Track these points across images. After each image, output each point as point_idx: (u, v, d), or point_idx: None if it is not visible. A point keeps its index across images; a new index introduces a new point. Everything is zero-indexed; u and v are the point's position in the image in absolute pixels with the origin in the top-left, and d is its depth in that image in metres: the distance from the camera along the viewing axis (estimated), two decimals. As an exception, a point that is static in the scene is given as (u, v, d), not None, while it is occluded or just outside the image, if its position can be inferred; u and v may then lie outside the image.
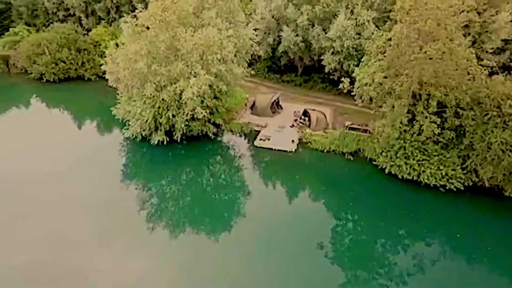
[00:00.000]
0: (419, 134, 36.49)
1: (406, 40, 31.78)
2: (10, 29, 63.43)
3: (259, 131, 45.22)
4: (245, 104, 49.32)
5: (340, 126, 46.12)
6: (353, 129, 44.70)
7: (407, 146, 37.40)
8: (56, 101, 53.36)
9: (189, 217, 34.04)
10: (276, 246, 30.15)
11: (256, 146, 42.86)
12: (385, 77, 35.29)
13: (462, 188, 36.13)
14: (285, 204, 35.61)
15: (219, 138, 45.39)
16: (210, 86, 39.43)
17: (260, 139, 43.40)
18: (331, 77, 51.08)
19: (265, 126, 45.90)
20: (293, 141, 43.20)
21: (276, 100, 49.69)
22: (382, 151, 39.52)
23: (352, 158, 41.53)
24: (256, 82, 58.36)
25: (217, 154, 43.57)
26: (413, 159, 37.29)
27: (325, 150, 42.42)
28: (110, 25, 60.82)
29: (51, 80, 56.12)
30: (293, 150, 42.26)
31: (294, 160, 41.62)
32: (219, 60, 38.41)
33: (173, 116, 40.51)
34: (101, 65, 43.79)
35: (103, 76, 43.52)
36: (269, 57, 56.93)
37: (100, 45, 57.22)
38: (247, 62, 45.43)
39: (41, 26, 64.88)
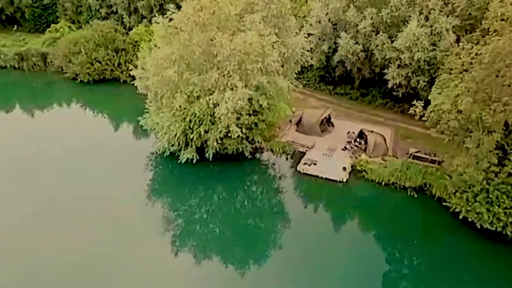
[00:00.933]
0: (510, 175, 28.44)
1: (506, 58, 24.09)
2: (52, 25, 61.01)
3: (304, 153, 38.72)
4: (290, 121, 42.88)
5: (403, 153, 38.60)
6: (418, 158, 37.08)
7: (492, 190, 29.34)
8: (87, 104, 49.69)
9: (217, 244, 29.16)
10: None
11: (300, 172, 36.40)
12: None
13: None
14: (329, 243, 29.29)
15: (257, 158, 39.37)
16: (249, 100, 33.52)
17: (305, 163, 36.88)
18: (395, 93, 43.50)
19: (312, 147, 39.29)
20: (344, 168, 36.30)
21: (328, 117, 42.91)
22: (456, 191, 31.71)
23: (416, 196, 34.02)
24: (305, 93, 51.71)
25: (254, 176, 37.59)
26: (499, 206, 29.21)
27: (383, 183, 35.16)
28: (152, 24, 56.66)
29: (85, 81, 52.60)
30: (344, 179, 35.37)
31: (344, 192, 34.81)
32: (261, 71, 32.37)
33: (206, 132, 34.96)
34: (131, 69, 39.06)
35: (141, 79, 39.17)
36: (322, 67, 50.17)
37: (139, 45, 53.05)
38: (296, 73, 39.03)
39: (84, 23, 62.05)
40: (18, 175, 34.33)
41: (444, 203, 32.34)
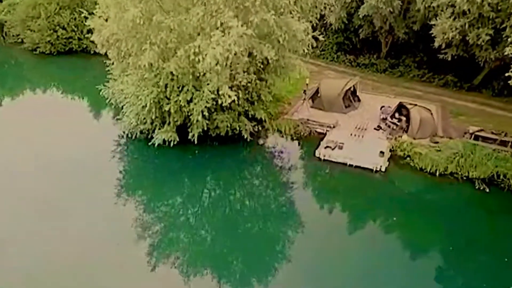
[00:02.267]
0: None
1: None
2: (11, -11, 51.01)
3: (324, 134, 28.47)
4: (304, 92, 32.60)
5: (458, 133, 28.32)
6: (482, 139, 26.80)
7: None
8: (46, 81, 39.44)
9: (207, 256, 19.27)
10: None
11: (319, 158, 26.17)
12: None
13: None
14: (362, 261, 18.73)
15: (260, 141, 29.13)
16: (249, 53, 23.35)
17: (326, 147, 26.60)
18: (442, 56, 33.08)
19: (334, 127, 29.03)
20: (382, 153, 26.02)
21: (353, 89, 32.65)
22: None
23: (488, 190, 23.70)
24: (320, 64, 41.53)
25: (255, 165, 27.29)
26: None
27: (438, 172, 24.87)
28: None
29: (47, 51, 42.45)
30: (382, 168, 25.09)
31: (383, 186, 24.55)
32: (265, 5, 22.14)
33: (188, 102, 24.82)
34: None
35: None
36: (342, 29, 39.82)
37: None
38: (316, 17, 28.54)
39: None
40: None
41: (533, 201, 22.13)
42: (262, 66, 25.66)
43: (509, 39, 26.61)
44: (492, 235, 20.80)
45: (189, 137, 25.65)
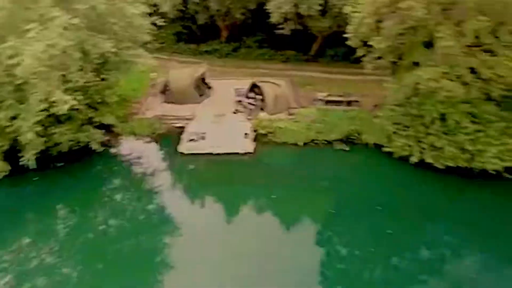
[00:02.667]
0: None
1: None
2: None
3: (183, 128, 26.59)
4: (152, 87, 30.12)
5: (310, 102, 29.28)
6: (332, 103, 28.21)
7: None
8: None
9: None
10: None
11: (184, 154, 24.27)
12: None
13: None
14: (251, 248, 17.78)
15: (114, 150, 25.76)
16: (83, 50, 19.93)
17: (189, 140, 24.83)
18: (279, 31, 33.87)
19: (193, 118, 27.37)
20: (246, 134, 25.36)
21: (201, 76, 31.33)
22: (396, 131, 23.55)
23: (348, 149, 24.90)
24: (162, 58, 38.93)
25: (114, 178, 23.94)
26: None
27: (302, 142, 25.25)
28: None
29: None
30: (250, 150, 24.43)
31: (254, 166, 23.95)
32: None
33: (13, 119, 20.30)
34: None
35: None
36: (178, 17, 38.06)
37: None
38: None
39: None
40: None
41: (384, 149, 23.89)
42: (100, 62, 22.37)
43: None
44: (362, 187, 21.85)
45: (24, 163, 21.09)
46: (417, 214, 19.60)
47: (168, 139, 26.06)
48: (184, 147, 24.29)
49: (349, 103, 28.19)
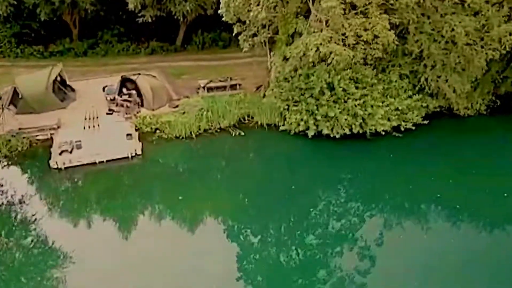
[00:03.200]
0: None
1: None
2: None
3: (49, 140, 22.27)
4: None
5: (191, 91, 27.32)
6: (214, 90, 26.76)
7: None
8: None
9: None
10: None
11: (59, 169, 20.19)
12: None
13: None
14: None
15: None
16: None
17: (62, 152, 20.76)
18: (141, 20, 30.89)
19: (59, 127, 23.09)
20: (129, 135, 22.28)
21: (60, 79, 26.80)
22: (288, 107, 23.23)
23: (243, 133, 23.71)
24: (3, 65, 32.66)
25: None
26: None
27: (194, 134, 23.26)
28: None
29: None
30: (138, 151, 21.49)
31: (147, 168, 21.19)
32: None
33: None
34: None
35: None
36: (14, 14, 31.96)
37: None
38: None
39: None
40: None
41: (281, 128, 23.41)
42: None
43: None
44: (269, 171, 20.98)
45: None
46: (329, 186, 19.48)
47: (34, 155, 21.56)
48: (57, 161, 20.22)
49: (232, 87, 27.04)
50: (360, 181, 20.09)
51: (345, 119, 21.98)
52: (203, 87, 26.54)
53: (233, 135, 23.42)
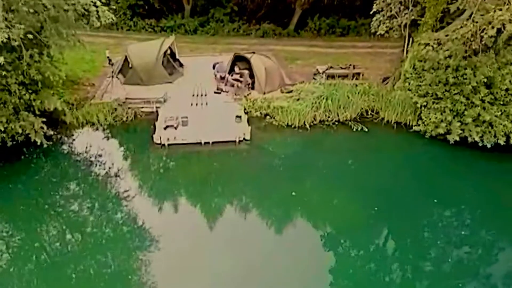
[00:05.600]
0: None
1: None
2: None
3: (156, 113, 20.70)
4: (109, 64, 23.90)
5: (307, 77, 24.31)
6: (335, 77, 23.43)
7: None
8: None
9: None
10: None
11: (162, 145, 18.37)
12: None
13: None
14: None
15: (64, 146, 19.26)
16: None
17: (167, 127, 18.96)
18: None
19: (165, 100, 21.45)
20: (238, 117, 19.87)
21: (170, 51, 25.40)
22: (426, 104, 19.08)
23: (366, 129, 20.12)
24: (116, 36, 32.50)
25: (68, 185, 17.33)
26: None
27: (308, 124, 20.21)
28: None
29: None
30: (247, 136, 18.98)
31: (258, 158, 18.59)
32: None
33: None
34: None
35: None
36: (132, -15, 31.69)
37: None
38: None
39: None
40: None
41: (415, 128, 19.42)
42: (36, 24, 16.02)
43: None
44: (403, 178, 17.27)
45: None
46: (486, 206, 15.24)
47: (138, 127, 20.13)
48: (161, 136, 18.42)
49: (354, 76, 23.57)
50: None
51: (503, 126, 17.47)
52: (322, 73, 23.35)
53: (354, 130, 19.95)
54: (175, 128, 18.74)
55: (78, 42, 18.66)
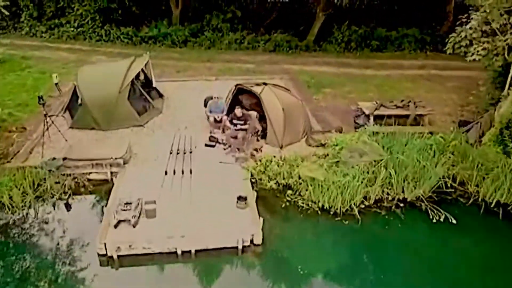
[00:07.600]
0: None
1: None
2: None
3: (106, 183, 12.80)
4: (58, 95, 16.05)
5: (343, 118, 16.48)
6: (388, 118, 15.59)
7: None
8: None
9: None
10: None
11: (106, 257, 10.41)
12: None
13: None
14: None
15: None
16: None
17: (119, 221, 10.98)
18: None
19: (126, 163, 13.51)
20: (243, 199, 11.80)
21: (142, 76, 17.59)
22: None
23: (454, 221, 12.09)
24: (80, 49, 24.71)
25: None
26: None
27: (357, 207, 12.26)
28: None
29: None
30: (257, 239, 10.96)
31: (268, 284, 10.56)
32: None
33: None
34: None
35: None
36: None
37: None
38: None
39: None
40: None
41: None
42: None
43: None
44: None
45: None
46: None
47: (74, 214, 12.15)
48: (110, 240, 10.47)
49: (416, 119, 15.73)
50: None
51: None
52: (367, 115, 15.48)
53: (434, 220, 12.01)
54: (133, 226, 10.79)
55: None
